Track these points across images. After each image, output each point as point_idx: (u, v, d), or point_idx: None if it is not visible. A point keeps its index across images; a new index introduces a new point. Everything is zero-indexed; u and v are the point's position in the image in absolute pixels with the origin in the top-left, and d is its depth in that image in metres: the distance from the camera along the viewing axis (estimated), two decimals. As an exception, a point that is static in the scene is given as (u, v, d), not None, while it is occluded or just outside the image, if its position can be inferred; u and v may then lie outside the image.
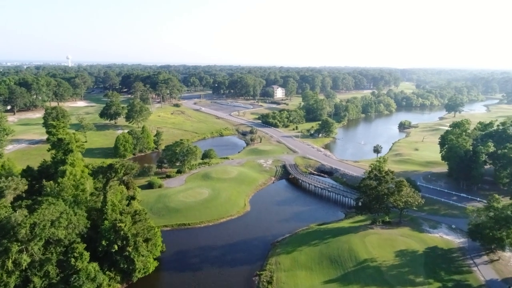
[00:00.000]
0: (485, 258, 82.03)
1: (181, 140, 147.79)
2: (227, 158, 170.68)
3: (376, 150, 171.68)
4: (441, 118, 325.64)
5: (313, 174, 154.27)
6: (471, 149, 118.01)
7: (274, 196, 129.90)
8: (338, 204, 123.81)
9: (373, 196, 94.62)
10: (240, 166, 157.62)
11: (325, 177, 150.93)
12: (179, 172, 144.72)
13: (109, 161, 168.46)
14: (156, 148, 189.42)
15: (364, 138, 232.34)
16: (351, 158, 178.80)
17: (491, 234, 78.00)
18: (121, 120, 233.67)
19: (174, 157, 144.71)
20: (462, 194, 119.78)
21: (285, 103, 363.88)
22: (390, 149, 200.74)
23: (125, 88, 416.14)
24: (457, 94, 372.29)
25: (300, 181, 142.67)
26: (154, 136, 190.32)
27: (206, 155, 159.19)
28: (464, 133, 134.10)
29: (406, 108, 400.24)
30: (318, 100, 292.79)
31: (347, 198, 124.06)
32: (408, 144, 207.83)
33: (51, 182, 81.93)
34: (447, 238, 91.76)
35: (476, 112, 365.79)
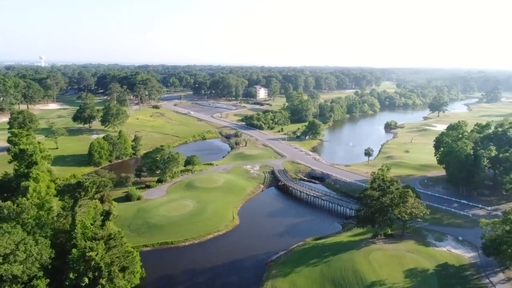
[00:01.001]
0: (501, 276, 74.74)
1: (161, 146, 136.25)
2: (211, 164, 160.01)
3: (368, 153, 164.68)
4: (425, 118, 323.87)
5: (304, 180, 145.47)
6: (472, 153, 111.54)
7: (264, 206, 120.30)
8: (333, 214, 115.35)
9: (376, 208, 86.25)
10: (226, 173, 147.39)
11: (316, 183, 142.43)
12: (160, 181, 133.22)
13: (82, 169, 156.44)
14: (134, 154, 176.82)
15: (352, 139, 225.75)
16: (342, 162, 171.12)
17: (509, 250, 70.66)
18: (96, 124, 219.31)
19: (154, 165, 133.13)
20: (463, 201, 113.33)
21: (268, 104, 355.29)
22: (380, 151, 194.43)
23: (101, 89, 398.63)
24: (440, 94, 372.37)
25: (291, 188, 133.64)
26: (132, 141, 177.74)
27: (189, 162, 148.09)
28: (462, 136, 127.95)
29: (389, 107, 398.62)
30: (303, 101, 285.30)
31: (342, 207, 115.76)
32: (397, 146, 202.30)
33: (9, 202, 69.77)
34: (456, 252, 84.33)
35: (459, 111, 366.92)
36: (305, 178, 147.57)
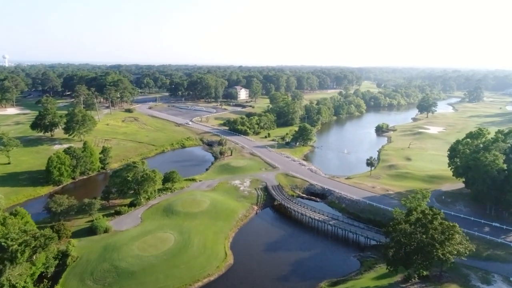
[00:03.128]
0: None
1: (133, 163, 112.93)
2: (193, 179, 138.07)
3: (371, 163, 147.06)
4: (414, 119, 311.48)
5: (302, 197, 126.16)
6: (505, 167, 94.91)
7: (261, 236, 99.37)
8: (345, 244, 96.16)
9: (413, 247, 67.41)
10: (211, 191, 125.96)
11: (317, 201, 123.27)
12: (132, 205, 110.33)
13: (39, 190, 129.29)
14: (103, 168, 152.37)
15: (344, 145, 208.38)
16: (340, 172, 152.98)
17: None
18: (59, 132, 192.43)
19: (126, 186, 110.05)
20: (494, 224, 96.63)
21: (250, 106, 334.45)
22: (378, 158, 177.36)
23: (69, 91, 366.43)
24: (428, 94, 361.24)
25: (290, 210, 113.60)
26: (100, 153, 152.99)
27: (167, 179, 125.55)
28: (485, 146, 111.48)
29: (374, 108, 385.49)
30: (289, 103, 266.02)
31: (356, 234, 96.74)
32: (396, 152, 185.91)
33: None
34: (514, 301, 66.66)
35: (445, 112, 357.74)
36: (303, 195, 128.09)
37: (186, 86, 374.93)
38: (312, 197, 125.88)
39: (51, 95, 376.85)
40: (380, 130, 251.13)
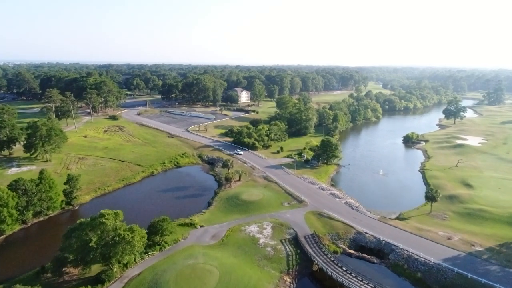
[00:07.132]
0: None
1: (101, 216, 72.90)
2: (192, 224, 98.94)
3: (432, 197, 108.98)
4: (441, 126, 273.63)
5: (349, 255, 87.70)
6: None
7: None
8: None
9: None
10: (218, 247, 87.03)
11: (373, 262, 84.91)
12: (99, 281, 71.10)
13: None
14: (69, 204, 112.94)
15: (375, 162, 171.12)
16: (385, 206, 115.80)
17: None
18: (20, 149, 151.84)
19: (88, 254, 70.51)
20: None
21: (254, 111, 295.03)
22: (426, 182, 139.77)
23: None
24: (457, 97, 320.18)
25: (341, 285, 74.64)
26: (64, 183, 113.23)
27: (155, 230, 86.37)
28: None
29: (389, 112, 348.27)
30: (303, 109, 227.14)
31: None
32: (445, 174, 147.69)
33: None
34: None
35: (471, 116, 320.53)
36: (351, 251, 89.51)
37: (180, 88, 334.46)
38: (365, 255, 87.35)
39: (29, 98, 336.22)
40: (410, 141, 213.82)
